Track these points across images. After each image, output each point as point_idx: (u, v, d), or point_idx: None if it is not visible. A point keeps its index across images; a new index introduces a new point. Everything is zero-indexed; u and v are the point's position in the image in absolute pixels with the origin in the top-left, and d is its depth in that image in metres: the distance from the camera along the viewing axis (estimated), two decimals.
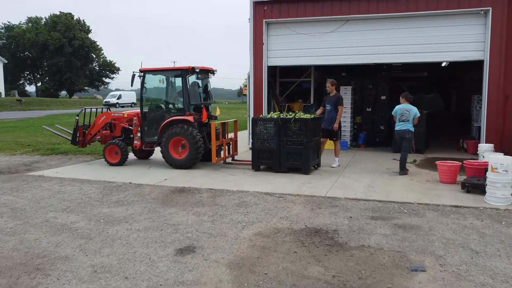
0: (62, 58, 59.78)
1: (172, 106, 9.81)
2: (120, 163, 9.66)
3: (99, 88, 70.34)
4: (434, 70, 17.66)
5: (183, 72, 9.23)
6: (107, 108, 11.14)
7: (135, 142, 9.75)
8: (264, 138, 8.82)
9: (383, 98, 13.40)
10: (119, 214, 5.91)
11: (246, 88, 14.07)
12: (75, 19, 63.47)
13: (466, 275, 3.92)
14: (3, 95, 47.32)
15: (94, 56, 66.91)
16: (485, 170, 7.05)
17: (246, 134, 12.99)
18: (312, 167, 8.93)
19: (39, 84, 64.91)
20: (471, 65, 12.03)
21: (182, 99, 9.32)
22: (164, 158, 9.33)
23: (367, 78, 13.50)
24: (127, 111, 10.41)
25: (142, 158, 10.78)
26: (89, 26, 65.47)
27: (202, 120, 9.45)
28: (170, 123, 9.19)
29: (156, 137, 9.52)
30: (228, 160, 9.93)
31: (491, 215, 5.79)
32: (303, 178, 8.23)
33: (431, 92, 18.60)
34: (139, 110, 9.79)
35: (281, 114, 9.11)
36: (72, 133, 10.51)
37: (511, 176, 6.18)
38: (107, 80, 69.49)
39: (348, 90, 12.93)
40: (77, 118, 10.34)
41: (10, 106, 37.98)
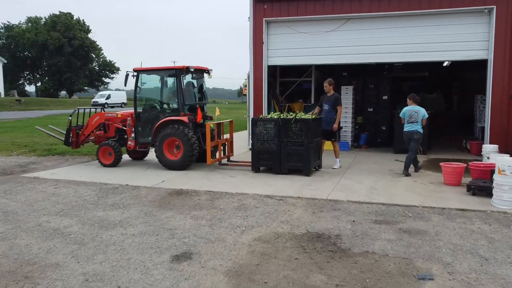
0: (61, 58, 59.60)
1: (166, 106, 9.64)
2: (113, 164, 9.51)
3: (99, 88, 70.09)
4: (435, 70, 17.48)
5: (177, 72, 9.07)
6: (101, 108, 10.97)
7: (129, 143, 9.60)
8: (264, 139, 8.64)
9: (385, 98, 13.21)
10: (114, 217, 5.72)
11: (246, 88, 13.89)
12: (74, 19, 63.30)
13: (476, 284, 3.73)
14: (3, 95, 47.18)
15: (94, 56, 66.76)
16: (491, 172, 6.87)
17: (246, 135, 12.80)
18: (313, 169, 8.74)
19: (38, 84, 64.74)
20: (473, 64, 11.83)
21: (176, 99, 9.16)
22: (158, 159, 9.17)
23: (369, 78, 13.31)
24: (121, 112, 10.25)
25: (136, 159, 10.62)
26: (88, 26, 65.37)
27: (197, 120, 9.28)
28: (165, 123, 9.03)
29: (150, 137, 9.36)
30: (224, 161, 9.75)
31: (499, 219, 5.60)
32: (304, 180, 8.04)
33: (433, 92, 18.40)
34: (133, 111, 9.63)
35: (281, 115, 8.92)
36: (65, 133, 10.34)
37: None
38: (107, 80, 69.40)
39: (349, 90, 12.75)
40: (70, 118, 10.16)
41: (9, 106, 37.82)
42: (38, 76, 65.92)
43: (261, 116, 9.68)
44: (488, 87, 10.26)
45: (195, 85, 9.82)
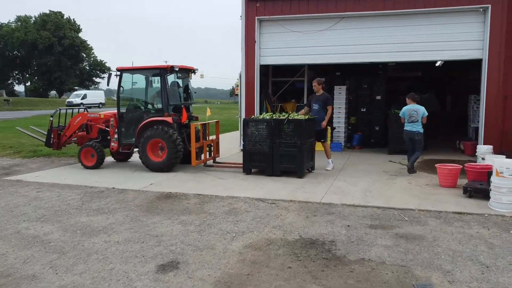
0: (51, 57, 58.82)
1: (150, 107, 9.37)
2: (96, 166, 9.24)
3: (89, 88, 69.37)
4: (430, 69, 17.38)
5: (161, 71, 8.82)
6: (84, 109, 10.68)
7: (112, 144, 9.33)
8: (256, 140, 8.41)
9: (379, 98, 13.06)
10: (98, 223, 5.45)
11: (238, 88, 13.66)
12: (65, 18, 62.52)
13: None
14: None
15: (85, 56, 66.00)
16: (487, 173, 6.71)
17: (238, 135, 12.56)
18: (306, 170, 8.53)
19: (28, 84, 63.83)
20: (467, 64, 11.72)
21: (161, 99, 8.90)
22: (142, 161, 8.92)
23: (362, 78, 13.14)
24: (104, 112, 9.97)
25: (120, 160, 10.34)
26: (79, 25, 64.66)
27: (182, 121, 9.03)
28: (148, 124, 8.77)
29: (133, 138, 9.09)
30: (209, 163, 9.51)
31: (497, 222, 5.43)
32: (297, 182, 7.83)
33: (426, 92, 18.31)
34: (116, 111, 9.36)
35: (273, 115, 8.71)
36: (46, 134, 10.02)
37: None
38: (97, 80, 68.64)
39: (342, 90, 12.57)
40: (51, 119, 9.85)
41: None
42: (27, 75, 65.01)
43: (253, 116, 9.45)
44: (482, 87, 10.13)
45: (181, 85, 9.57)
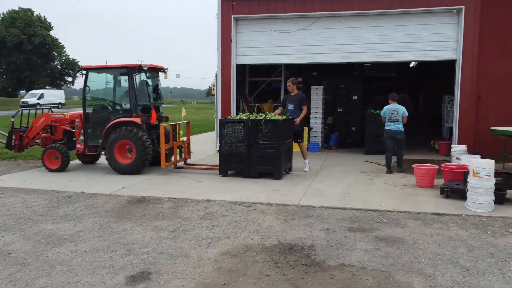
0: (21, 55, 56.58)
1: (118, 107, 9.03)
2: (60, 169, 8.85)
3: (61, 87, 67.31)
4: (404, 70, 17.59)
5: (129, 70, 8.52)
6: (48, 109, 10.22)
7: (78, 146, 8.99)
8: (232, 141, 8.20)
9: (355, 98, 13.09)
10: (65, 231, 5.13)
11: (215, 88, 13.41)
12: (35, 15, 60.37)
13: None
14: None
15: (56, 54, 63.92)
16: (464, 173, 6.74)
17: (214, 136, 12.31)
18: (284, 172, 8.39)
19: None
20: (441, 64, 11.86)
21: (129, 99, 8.59)
22: (109, 163, 8.59)
23: (339, 78, 13.13)
24: (69, 113, 9.56)
25: (87, 162, 9.98)
26: (50, 23, 62.40)
27: (151, 121, 8.74)
28: (116, 125, 8.45)
29: (100, 140, 8.75)
30: (180, 164, 9.25)
31: (475, 223, 5.42)
32: (274, 184, 7.67)
33: (400, 93, 18.51)
34: (82, 111, 8.98)
35: (250, 115, 8.53)
36: (7, 136, 9.52)
37: (493, 181, 5.85)
38: (69, 79, 66.60)
39: (319, 90, 12.52)
40: (12, 120, 9.36)
41: None
42: None
43: (229, 117, 9.25)
44: (456, 88, 10.26)
45: (150, 84, 9.27)
